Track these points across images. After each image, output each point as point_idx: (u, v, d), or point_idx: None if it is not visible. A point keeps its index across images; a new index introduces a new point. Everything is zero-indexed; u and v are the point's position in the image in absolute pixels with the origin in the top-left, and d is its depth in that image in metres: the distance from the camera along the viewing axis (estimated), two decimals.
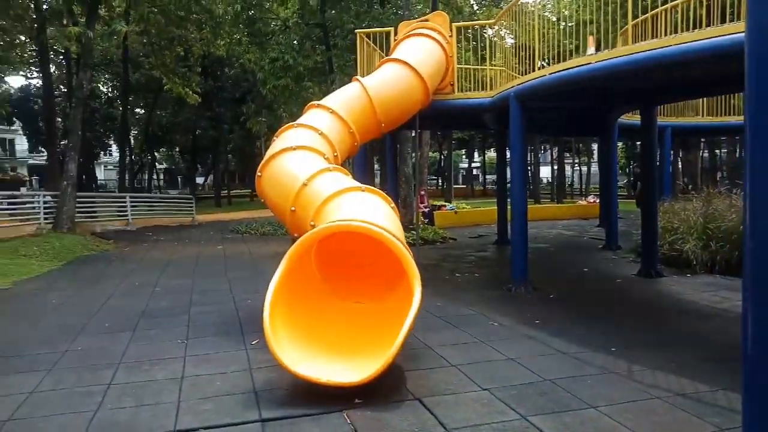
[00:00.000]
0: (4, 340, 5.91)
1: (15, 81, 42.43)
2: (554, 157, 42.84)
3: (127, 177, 27.58)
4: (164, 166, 61.54)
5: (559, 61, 7.38)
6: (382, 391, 4.10)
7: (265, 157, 6.58)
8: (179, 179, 65.25)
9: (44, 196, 16.53)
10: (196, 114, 32.18)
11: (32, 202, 16.93)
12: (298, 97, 19.98)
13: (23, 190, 36.81)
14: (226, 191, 39.33)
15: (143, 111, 38.25)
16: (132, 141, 39.02)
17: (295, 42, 19.84)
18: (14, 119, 43.52)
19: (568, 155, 45.39)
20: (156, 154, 45.89)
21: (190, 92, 22.31)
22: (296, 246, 4.73)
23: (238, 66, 29.59)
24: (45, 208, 15.48)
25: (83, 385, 4.53)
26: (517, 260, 8.01)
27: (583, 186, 44.42)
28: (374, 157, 28.59)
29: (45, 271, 10.66)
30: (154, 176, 49.61)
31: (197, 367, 4.91)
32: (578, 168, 50.21)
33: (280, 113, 21.61)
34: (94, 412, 3.96)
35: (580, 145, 44.01)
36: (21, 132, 49.38)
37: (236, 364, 4.97)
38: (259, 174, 6.55)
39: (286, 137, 6.84)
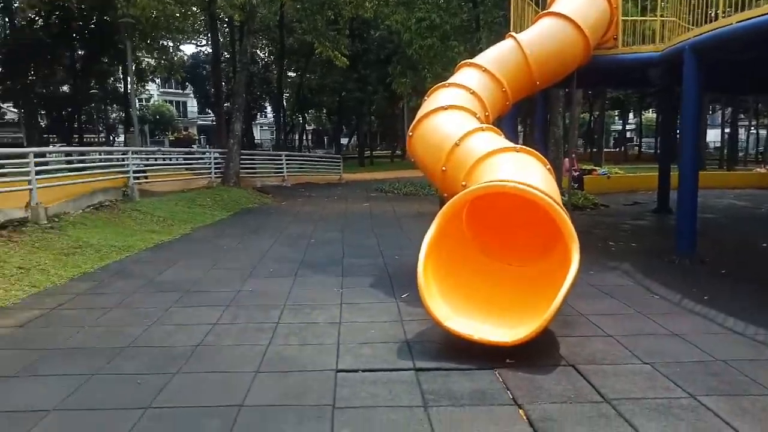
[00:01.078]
0: (191, 279, 6.76)
1: (188, 49, 47.09)
2: (726, 119, 38.02)
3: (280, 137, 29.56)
4: (312, 127, 64.97)
5: (742, 9, 6.44)
6: (534, 354, 4.06)
7: (417, 117, 6.65)
8: (325, 140, 68.54)
9: (213, 153, 18.35)
10: (343, 76, 33.29)
11: (204, 159, 18.86)
12: (443, 57, 19.75)
13: (194, 147, 41.16)
14: (368, 152, 40.62)
15: (295, 74, 40.42)
16: (285, 103, 41.59)
17: (441, 1, 19.51)
18: (187, 84, 48.47)
19: (743, 116, 40.01)
20: (305, 115, 48.44)
21: (339, 55, 23.07)
22: (448, 206, 4.77)
23: (384, 27, 29.91)
24: (215, 164, 17.21)
25: (255, 322, 5.05)
26: (685, 230, 7.35)
27: (760, 152, 39.04)
28: (516, 117, 27.50)
29: (216, 220, 11.95)
30: (303, 137, 52.56)
31: (352, 314, 5.23)
32: (755, 131, 44.13)
33: (424, 74, 21.52)
34: (266, 346, 4.41)
35: (759, 105, 38.50)
36: (192, 95, 54.91)
37: (388, 314, 5.21)
38: (410, 134, 6.66)
39: (438, 97, 6.83)
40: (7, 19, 28.00)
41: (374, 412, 3.28)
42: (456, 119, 6.24)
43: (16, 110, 35.93)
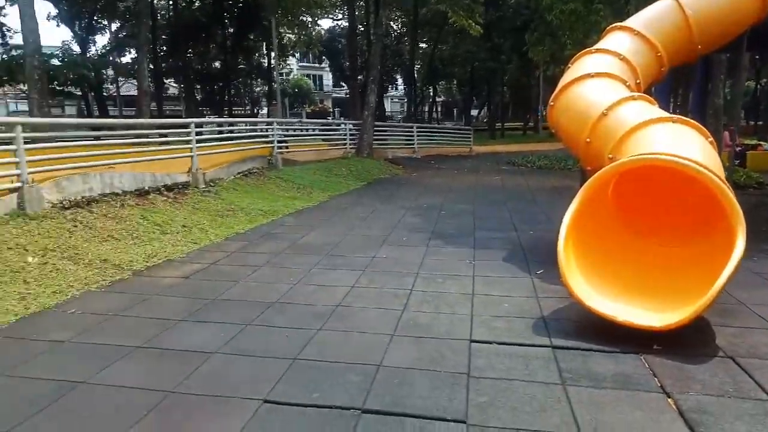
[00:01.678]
0: (330, 243, 7.14)
1: (324, 23, 48.76)
2: None
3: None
4: (441, 98, 64.58)
5: None
6: (685, 342, 3.77)
7: (559, 86, 6.32)
8: (455, 111, 67.86)
9: (348, 124, 19.01)
10: (476, 46, 32.53)
11: (339, 130, 19.62)
12: (586, 22, 18.48)
13: (329, 119, 42.84)
14: (499, 123, 39.57)
15: (427, 46, 40.25)
16: (416, 75, 41.67)
17: None
18: (323, 58, 50.43)
19: None
20: (436, 87, 48.21)
21: (473, 24, 22.51)
22: (593, 180, 4.52)
23: None
24: (350, 135, 17.83)
25: (390, 288, 5.22)
26: None
27: None
28: (671, 86, 25.04)
29: (351, 189, 12.44)
30: (433, 109, 52.44)
31: (485, 286, 5.20)
32: None
33: (564, 41, 20.35)
34: (401, 312, 4.55)
35: None
36: (328, 69, 57.06)
37: (522, 289, 5.11)
38: (551, 103, 6.36)
39: (583, 64, 6.43)
40: (171, 3, 30.92)
41: (510, 384, 3.26)
42: (603, 87, 5.84)
43: (176, 85, 39.87)
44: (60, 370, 3.53)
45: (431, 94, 47.77)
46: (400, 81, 50.85)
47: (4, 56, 24.01)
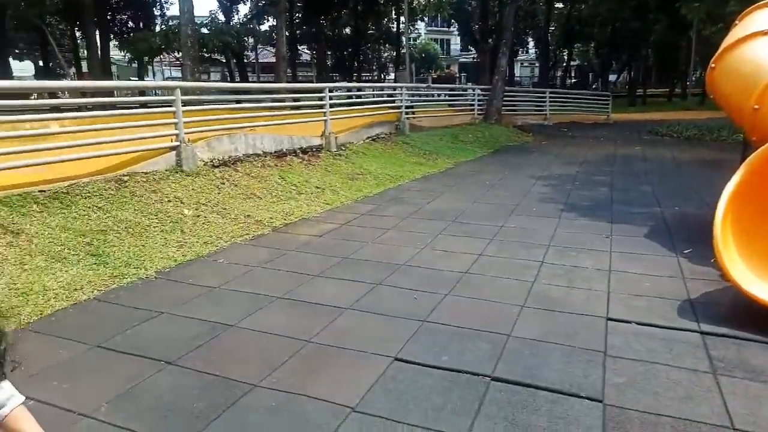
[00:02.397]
0: (456, 210, 7.11)
1: None
2: None
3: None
4: (576, 62, 60.65)
5: None
6: None
7: (723, 46, 5.65)
8: (590, 76, 63.53)
9: (476, 89, 18.57)
10: (619, 4, 29.95)
11: (466, 95, 19.24)
12: None
13: (455, 84, 42.11)
14: (641, 89, 36.43)
15: (563, 5, 37.80)
16: (548, 37, 39.45)
17: None
18: (452, 21, 49.34)
19: None
20: (571, 50, 45.31)
21: None
22: (760, 152, 4.01)
23: None
24: (478, 100, 17.43)
25: (519, 258, 5.09)
26: None
27: None
28: None
29: (477, 156, 12.23)
30: (568, 73, 49.47)
31: (624, 263, 4.89)
32: None
33: None
34: (531, 283, 4.43)
35: None
36: (456, 33, 55.83)
37: (666, 269, 4.73)
38: (712, 65, 5.72)
39: (754, 20, 5.65)
40: None
41: (652, 367, 3.06)
42: None
43: (309, 51, 41.38)
44: (213, 312, 3.90)
45: (565, 57, 45.05)
46: (531, 44, 48.51)
47: (163, 26, 26.39)
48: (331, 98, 10.49)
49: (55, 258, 4.61)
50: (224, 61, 32.65)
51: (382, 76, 48.00)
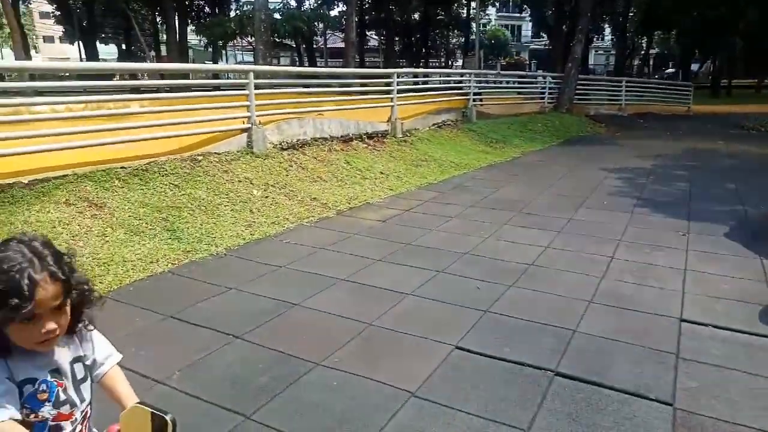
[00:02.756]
0: (522, 200, 6.96)
1: None
2: None
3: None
4: (655, 50, 57.59)
5: None
6: None
7: None
8: (670, 65, 60.19)
9: (547, 77, 17.97)
10: None
11: (536, 83, 18.67)
12: None
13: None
14: (725, 80, 34.16)
15: None
16: (627, 24, 37.59)
17: None
18: (524, 6, 47.92)
19: None
20: (652, 37, 43.01)
21: None
22: None
23: None
24: (549, 89, 16.89)
25: (588, 252, 4.93)
26: None
27: None
28: None
29: (546, 146, 11.89)
30: (647, 61, 47.10)
31: (701, 263, 4.63)
32: None
33: None
34: (599, 279, 4.27)
35: None
36: (528, 18, 54.21)
37: (747, 271, 4.44)
38: None
39: None
40: None
41: (729, 374, 2.89)
42: None
43: (376, 37, 41.39)
44: (278, 291, 4.01)
45: (644, 45, 42.84)
46: (607, 31, 46.38)
47: (237, 12, 27.12)
48: (398, 84, 10.46)
49: (133, 231, 4.87)
50: (294, 46, 33.24)
51: (450, 63, 47.40)
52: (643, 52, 43.39)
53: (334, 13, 34.96)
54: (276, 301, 3.82)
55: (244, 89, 7.32)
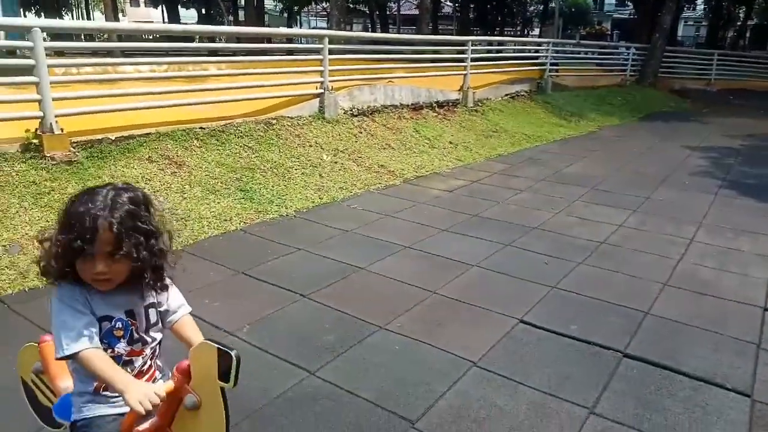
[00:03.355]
0: (596, 176, 6.70)
1: None
2: None
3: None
4: (753, 21, 53.01)
5: None
6: None
7: None
8: None
9: (630, 48, 16.97)
10: None
11: (618, 54, 17.68)
12: None
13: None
14: None
15: None
16: None
17: None
18: None
19: None
20: (752, 6, 39.64)
21: None
22: None
23: None
24: (632, 60, 15.98)
25: (665, 233, 4.70)
26: None
27: None
28: None
29: (625, 121, 11.33)
30: (744, 33, 43.48)
31: None
32: None
33: None
34: (676, 261, 4.08)
35: None
36: None
37: None
38: None
39: None
40: None
41: None
42: None
43: (451, 4, 40.39)
44: (345, 254, 4.08)
45: (740, 16, 39.51)
46: (699, 0, 43.13)
47: None
48: (472, 52, 10.20)
49: (209, 190, 5.07)
50: (368, 12, 33.02)
51: (526, 32, 45.69)
52: (739, 23, 40.01)
53: None
54: (342, 264, 3.89)
55: (318, 54, 7.36)
